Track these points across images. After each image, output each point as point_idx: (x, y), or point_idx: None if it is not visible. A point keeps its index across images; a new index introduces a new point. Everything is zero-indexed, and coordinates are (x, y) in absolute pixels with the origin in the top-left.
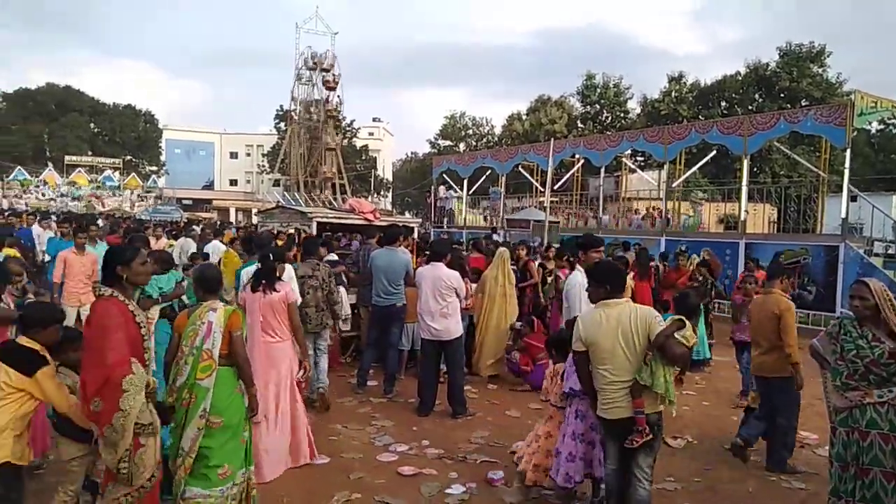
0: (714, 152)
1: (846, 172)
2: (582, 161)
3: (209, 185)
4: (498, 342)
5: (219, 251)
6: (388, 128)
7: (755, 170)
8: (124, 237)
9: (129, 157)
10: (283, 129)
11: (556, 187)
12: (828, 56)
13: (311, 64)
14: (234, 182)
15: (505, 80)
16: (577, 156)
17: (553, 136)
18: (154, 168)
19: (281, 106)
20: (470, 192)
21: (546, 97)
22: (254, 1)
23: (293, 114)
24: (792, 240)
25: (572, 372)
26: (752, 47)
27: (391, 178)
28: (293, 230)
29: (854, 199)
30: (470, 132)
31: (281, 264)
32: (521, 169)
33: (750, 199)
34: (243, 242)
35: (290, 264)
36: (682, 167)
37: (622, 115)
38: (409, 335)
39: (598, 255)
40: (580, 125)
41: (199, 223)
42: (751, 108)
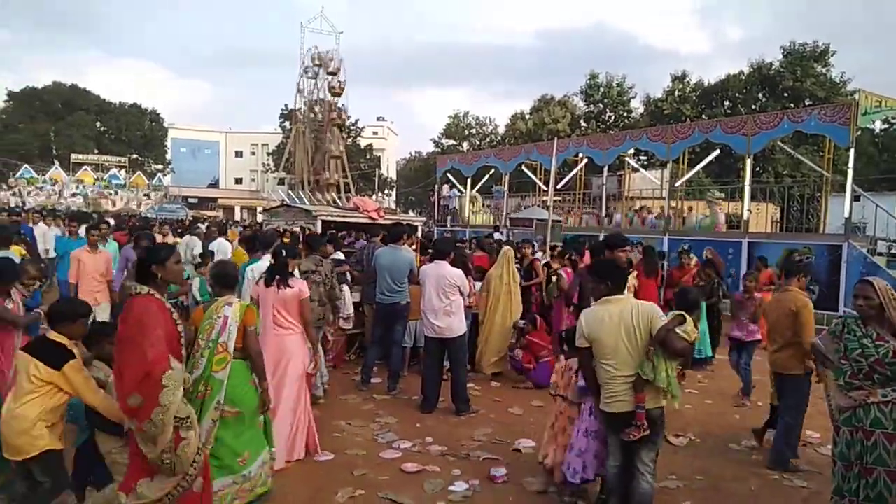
0: (717, 152)
1: (850, 172)
2: (585, 160)
3: (214, 184)
4: (502, 340)
5: (224, 249)
6: (393, 127)
7: (758, 169)
8: (130, 235)
9: (134, 156)
10: (288, 127)
11: (559, 186)
12: (832, 55)
13: (316, 63)
14: (239, 180)
15: (508, 79)
16: (581, 155)
17: (556, 136)
18: (160, 166)
19: (286, 105)
20: (473, 191)
21: (549, 96)
22: (259, 1)
23: (298, 113)
24: (795, 239)
25: None
26: (756, 47)
27: (395, 177)
28: (298, 228)
29: (858, 198)
30: (473, 131)
31: (294, 260)
32: (524, 168)
33: (753, 198)
34: (247, 241)
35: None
36: (685, 166)
37: (625, 114)
38: (411, 332)
39: (624, 255)
40: (583, 124)
41: (204, 221)
42: (754, 107)
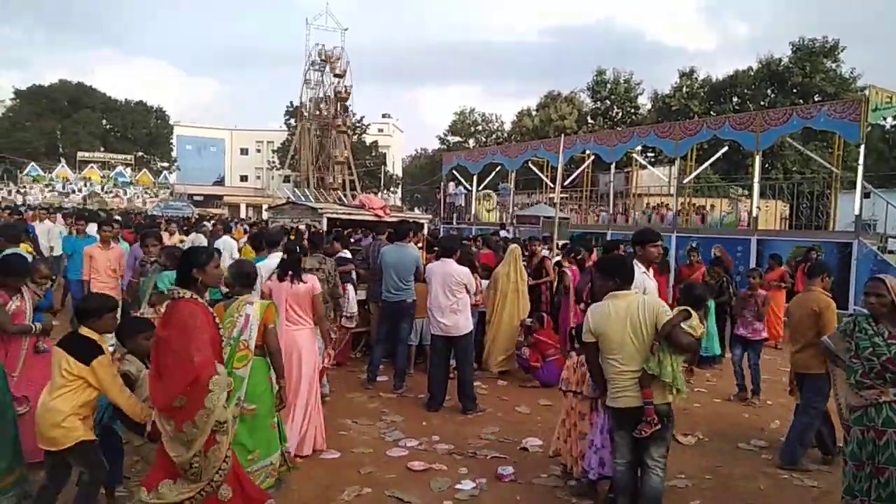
0: (726, 148)
1: (860, 168)
2: (592, 157)
3: (220, 182)
4: (509, 339)
5: (230, 247)
6: (398, 124)
7: (767, 166)
8: (136, 233)
9: (140, 154)
10: (294, 125)
11: (566, 183)
12: (841, 51)
13: (321, 60)
14: (244, 178)
15: (514, 76)
16: (588, 152)
17: (563, 132)
18: (165, 164)
19: (291, 102)
20: (480, 188)
21: (556, 93)
22: None
23: (303, 110)
24: (804, 236)
25: None
26: (765, 43)
27: (401, 174)
28: (303, 226)
29: (868, 195)
30: (479, 128)
31: (306, 256)
32: (530, 165)
33: (762, 195)
34: (252, 238)
35: None
36: (693, 163)
37: (633, 110)
38: (417, 330)
39: (655, 250)
40: (590, 121)
41: (210, 219)
42: (763, 103)
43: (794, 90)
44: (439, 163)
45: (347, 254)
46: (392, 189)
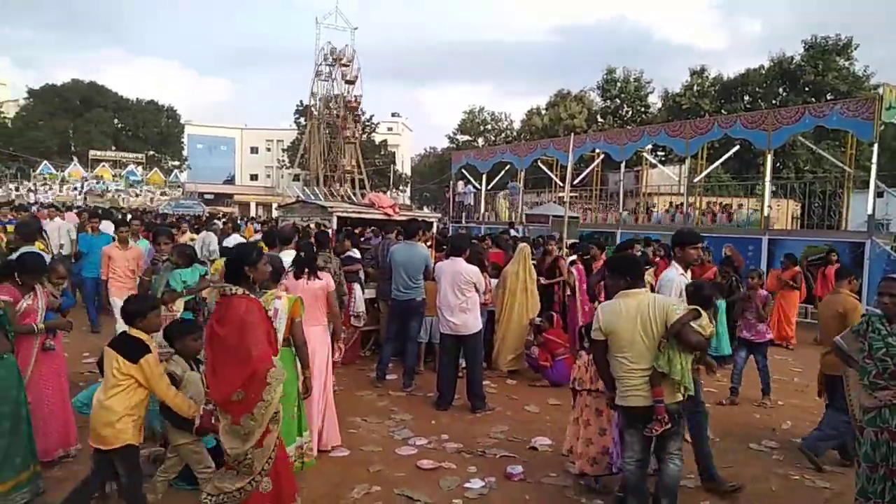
0: (737, 147)
1: (873, 167)
2: (602, 156)
3: (230, 180)
4: (518, 338)
5: None
6: (407, 123)
7: (779, 165)
8: (148, 231)
9: (151, 152)
10: (303, 124)
11: (575, 182)
12: (855, 49)
13: (331, 59)
14: (254, 177)
15: (524, 75)
16: (597, 150)
17: (573, 131)
18: (176, 163)
19: (301, 101)
20: (489, 188)
21: (566, 92)
22: None
23: (313, 109)
24: (816, 236)
25: None
26: (777, 41)
27: (410, 173)
28: (313, 224)
29: (881, 194)
30: (489, 127)
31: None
32: (540, 164)
33: (773, 194)
34: (266, 236)
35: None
36: (703, 162)
37: (643, 109)
38: (426, 328)
39: (695, 252)
40: (600, 120)
41: (221, 217)
42: (775, 102)
43: (807, 88)
44: (448, 162)
45: (356, 253)
46: (401, 188)
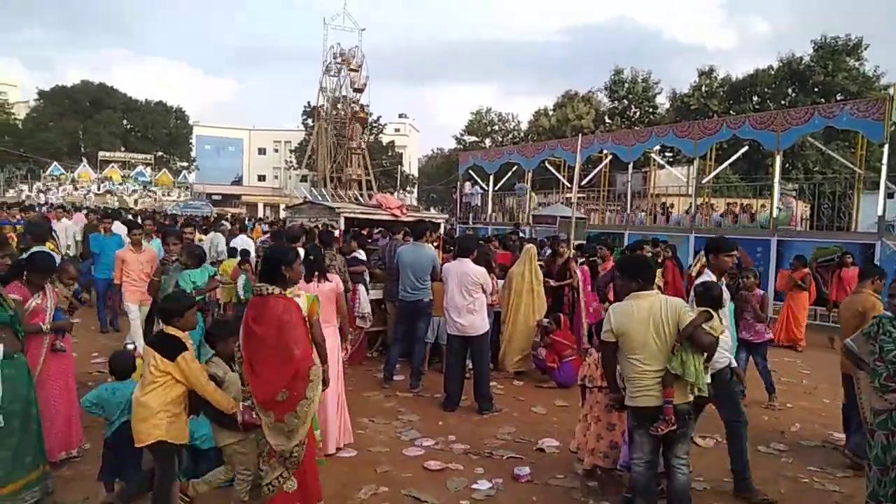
0: (746, 148)
1: (884, 168)
2: (609, 157)
3: (238, 181)
4: (525, 339)
5: (247, 246)
6: (415, 124)
7: (788, 166)
8: (157, 231)
9: (160, 153)
10: (311, 125)
11: (583, 183)
12: (865, 49)
13: (339, 60)
14: (262, 178)
15: (531, 76)
16: (605, 151)
17: (580, 132)
18: (185, 164)
19: (308, 102)
20: (496, 189)
21: (573, 92)
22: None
23: (320, 110)
24: (826, 237)
25: None
26: (786, 41)
27: (417, 174)
28: (321, 225)
29: (892, 195)
30: (496, 128)
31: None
32: (547, 165)
33: (782, 195)
34: (273, 236)
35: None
36: (712, 163)
37: (651, 110)
38: (433, 328)
39: (730, 259)
40: (608, 120)
41: (228, 218)
42: (784, 102)
43: (816, 89)
44: (455, 162)
45: (362, 254)
46: (408, 189)
